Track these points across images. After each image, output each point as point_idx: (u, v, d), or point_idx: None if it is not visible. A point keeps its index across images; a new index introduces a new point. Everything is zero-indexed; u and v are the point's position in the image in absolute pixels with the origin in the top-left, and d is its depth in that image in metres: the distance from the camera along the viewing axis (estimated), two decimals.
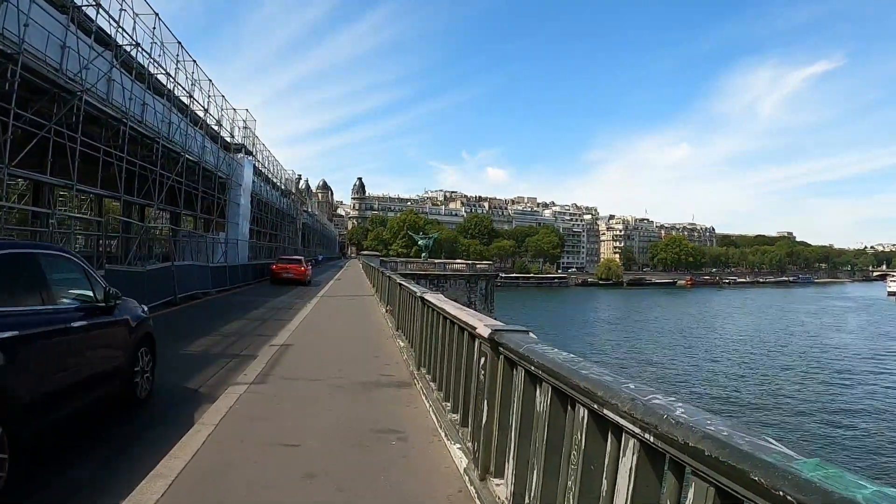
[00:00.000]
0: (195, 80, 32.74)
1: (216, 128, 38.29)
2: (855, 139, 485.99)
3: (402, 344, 13.23)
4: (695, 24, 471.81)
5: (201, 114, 34.57)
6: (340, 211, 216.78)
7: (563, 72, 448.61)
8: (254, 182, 46.19)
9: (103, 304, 7.48)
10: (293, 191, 73.78)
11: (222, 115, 39.21)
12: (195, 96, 33.20)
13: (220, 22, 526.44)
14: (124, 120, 23.28)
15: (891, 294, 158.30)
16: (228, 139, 40.93)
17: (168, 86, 29.27)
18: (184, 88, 31.68)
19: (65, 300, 6.87)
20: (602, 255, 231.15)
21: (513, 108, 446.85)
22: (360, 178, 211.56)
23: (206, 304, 25.36)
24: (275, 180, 59.34)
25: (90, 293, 7.29)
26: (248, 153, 45.53)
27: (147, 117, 26.44)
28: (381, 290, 24.65)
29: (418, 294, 10.45)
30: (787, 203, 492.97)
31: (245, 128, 44.02)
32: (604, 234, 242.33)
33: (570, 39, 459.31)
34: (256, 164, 48.48)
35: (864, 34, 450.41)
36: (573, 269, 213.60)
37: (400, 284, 14.75)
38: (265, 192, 52.25)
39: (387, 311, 19.16)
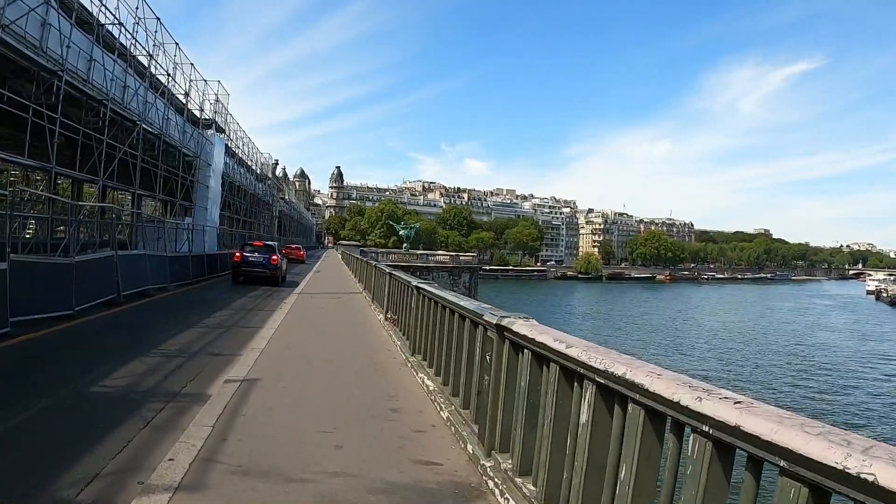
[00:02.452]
0: (158, 42, 27.83)
1: (182, 98, 33.21)
2: (833, 139, 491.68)
3: (428, 384, 8.78)
4: (678, 22, 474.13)
5: (164, 79, 29.55)
6: (318, 200, 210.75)
7: (543, 66, 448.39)
8: (226, 163, 41.15)
9: None
10: (269, 176, 68.43)
11: (191, 86, 34.24)
12: (158, 59, 28.30)
13: (200, 7, 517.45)
14: (59, 73, 18.34)
15: (869, 293, 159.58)
16: (197, 113, 35.81)
17: (123, 40, 24.31)
18: (143, 47, 26.85)
19: None
20: (581, 249, 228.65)
21: (493, 101, 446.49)
22: (338, 167, 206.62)
23: (157, 304, 20.40)
24: (249, 163, 53.98)
25: None
26: (220, 130, 40.43)
27: (94, 76, 21.57)
28: (372, 288, 20.51)
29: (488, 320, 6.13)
30: (764, 200, 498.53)
31: (217, 101, 38.93)
32: (583, 227, 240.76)
33: (552, 34, 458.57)
34: (229, 144, 43.35)
35: (845, 36, 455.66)
36: (552, 263, 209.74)
37: (418, 289, 10.40)
38: (238, 175, 47.05)
39: (388, 320, 14.68)
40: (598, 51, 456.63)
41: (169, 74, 29.82)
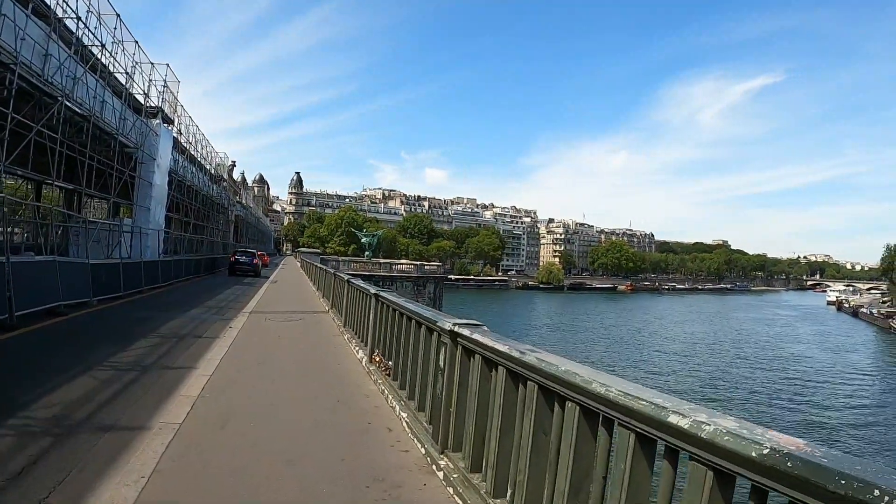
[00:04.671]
0: (94, 9, 22.81)
1: (122, 78, 27.94)
2: (790, 154, 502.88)
3: None
4: (639, 35, 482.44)
5: (98, 52, 24.41)
6: (277, 206, 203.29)
7: (504, 76, 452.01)
8: (174, 159, 35.99)
9: None
10: (225, 177, 62.90)
11: (134, 69, 29.17)
12: (91, 26, 23.18)
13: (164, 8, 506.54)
14: None
15: (830, 303, 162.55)
16: (140, 99, 30.50)
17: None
18: (73, 11, 21.83)
19: None
20: (542, 259, 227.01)
21: (453, 110, 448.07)
22: (297, 173, 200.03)
23: (63, 328, 14.98)
24: (203, 161, 48.45)
25: None
26: (168, 121, 35.19)
27: (2, 35, 16.63)
28: (343, 308, 15.86)
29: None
30: (723, 212, 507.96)
31: (165, 88, 33.59)
32: (544, 237, 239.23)
33: (513, 45, 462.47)
34: (178, 138, 38.15)
35: (805, 52, 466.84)
36: (513, 272, 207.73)
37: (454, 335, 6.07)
38: (189, 174, 41.50)
39: (375, 362, 10.14)
40: (559, 62, 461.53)
41: (104, 47, 24.72)
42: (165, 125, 34.05)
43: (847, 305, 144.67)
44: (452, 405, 5.62)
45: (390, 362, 9.05)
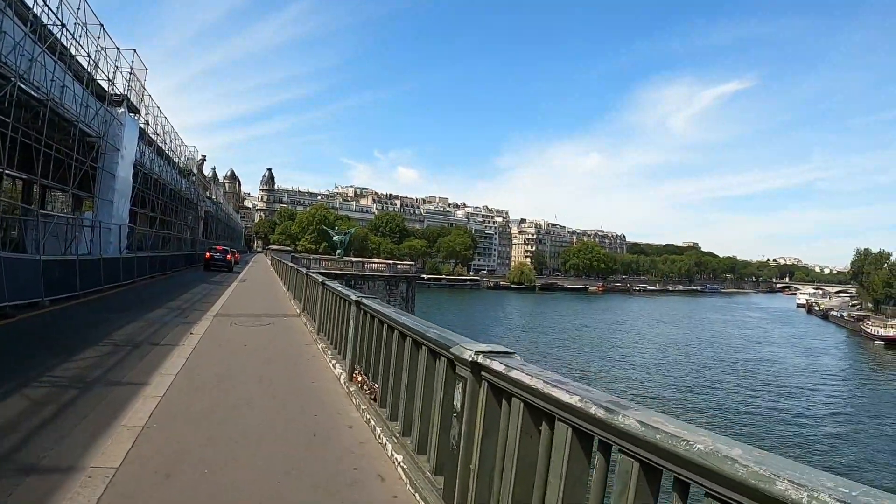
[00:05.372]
0: None
1: (84, 62, 26.11)
2: (760, 158, 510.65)
3: None
4: (612, 39, 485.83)
5: (57, 31, 22.62)
6: (248, 203, 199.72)
7: (478, 76, 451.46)
8: (141, 151, 34.10)
9: None
10: (195, 172, 60.80)
11: (99, 55, 27.41)
12: (50, 5, 21.55)
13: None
14: None
15: (800, 306, 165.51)
16: (105, 85, 28.58)
17: None
18: None
19: None
20: (513, 259, 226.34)
21: (426, 110, 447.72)
22: (269, 170, 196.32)
23: (6, 331, 13.38)
24: (171, 155, 46.51)
25: None
26: (134, 111, 33.25)
27: None
28: (314, 312, 14.54)
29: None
30: (693, 214, 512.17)
31: (131, 75, 31.75)
32: (516, 237, 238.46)
33: (487, 46, 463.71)
34: (145, 128, 36.26)
35: (776, 59, 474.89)
36: (484, 272, 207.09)
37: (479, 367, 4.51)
38: (157, 167, 39.50)
39: (357, 382, 8.49)
40: (532, 64, 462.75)
41: (65, 27, 22.98)
42: (131, 114, 32.16)
43: (817, 308, 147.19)
44: (474, 461, 4.21)
45: (376, 385, 7.48)
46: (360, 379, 8.38)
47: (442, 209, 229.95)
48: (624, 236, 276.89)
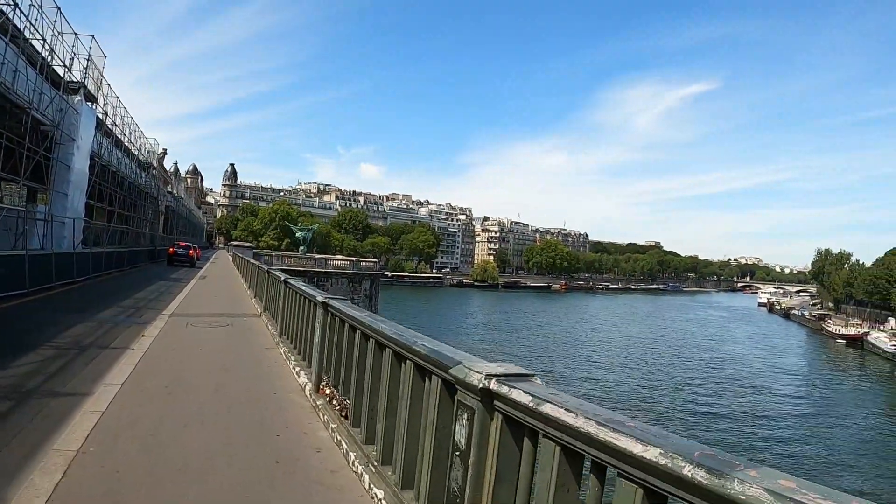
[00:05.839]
0: None
1: (39, 46, 24.62)
2: (723, 159, 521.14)
3: None
4: (577, 38, 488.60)
5: (9, 11, 21.27)
6: (210, 198, 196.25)
7: (441, 73, 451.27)
8: (98, 142, 32.64)
9: None
10: (155, 165, 59.10)
11: (56, 40, 26.08)
12: None
13: None
14: None
15: (761, 305, 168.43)
16: (60, 71, 27.08)
17: None
18: None
19: None
20: (477, 257, 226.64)
21: (390, 106, 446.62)
22: (232, 165, 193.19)
23: None
24: (131, 147, 44.69)
25: None
26: (91, 99, 31.56)
27: None
28: (276, 312, 13.23)
29: None
30: (656, 214, 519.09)
31: (89, 61, 30.28)
32: (479, 235, 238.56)
33: (451, 43, 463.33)
34: (103, 119, 34.62)
35: (742, 62, 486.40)
36: (448, 269, 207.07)
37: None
38: (115, 159, 37.83)
39: (324, 395, 7.26)
40: (497, 63, 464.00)
41: (17, 7, 21.66)
42: (88, 103, 30.61)
43: (778, 307, 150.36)
44: None
45: (347, 400, 6.56)
46: (328, 392, 7.43)
47: (405, 206, 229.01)
48: (587, 235, 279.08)
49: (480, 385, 3.40)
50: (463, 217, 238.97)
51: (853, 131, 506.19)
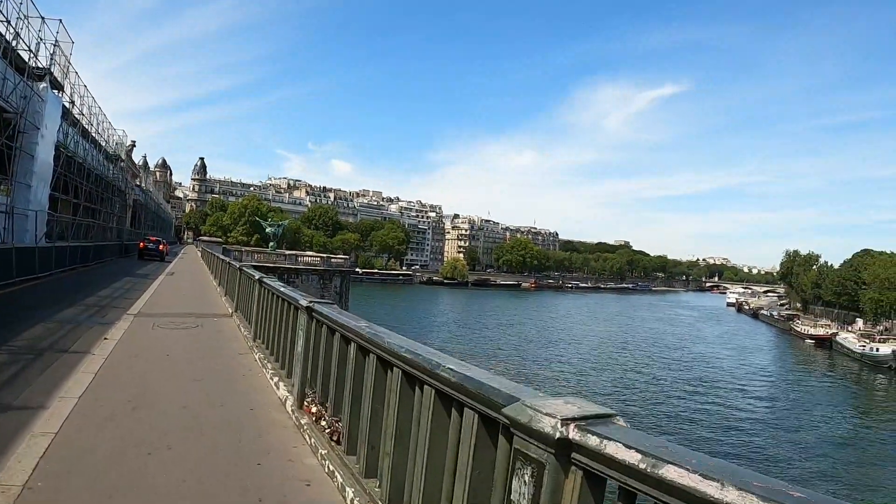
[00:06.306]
0: None
1: (2, 28, 23.43)
2: (692, 160, 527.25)
3: None
4: (549, 38, 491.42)
5: None
6: (179, 193, 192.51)
7: (413, 70, 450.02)
8: (64, 132, 31.42)
9: None
10: (123, 157, 57.53)
11: (21, 23, 24.85)
12: None
13: None
14: None
15: (730, 305, 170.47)
16: (25, 56, 25.95)
17: None
18: None
19: None
20: (447, 254, 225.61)
21: (361, 104, 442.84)
22: (201, 158, 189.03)
23: None
24: (98, 138, 43.23)
25: None
26: (58, 87, 30.30)
27: None
28: (249, 313, 12.33)
29: None
30: (626, 213, 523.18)
31: (56, 47, 28.99)
32: (449, 232, 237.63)
33: (424, 40, 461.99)
34: (69, 108, 33.30)
35: (711, 65, 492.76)
36: (417, 267, 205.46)
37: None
38: (82, 150, 36.50)
39: (310, 414, 5.83)
40: (468, 62, 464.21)
41: None
42: (54, 91, 29.37)
43: (747, 307, 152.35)
44: None
45: (338, 422, 5.63)
46: (314, 410, 6.48)
47: (376, 203, 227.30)
48: (557, 234, 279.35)
49: (558, 435, 2.40)
50: (433, 214, 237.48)
51: (817, 136, 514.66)
